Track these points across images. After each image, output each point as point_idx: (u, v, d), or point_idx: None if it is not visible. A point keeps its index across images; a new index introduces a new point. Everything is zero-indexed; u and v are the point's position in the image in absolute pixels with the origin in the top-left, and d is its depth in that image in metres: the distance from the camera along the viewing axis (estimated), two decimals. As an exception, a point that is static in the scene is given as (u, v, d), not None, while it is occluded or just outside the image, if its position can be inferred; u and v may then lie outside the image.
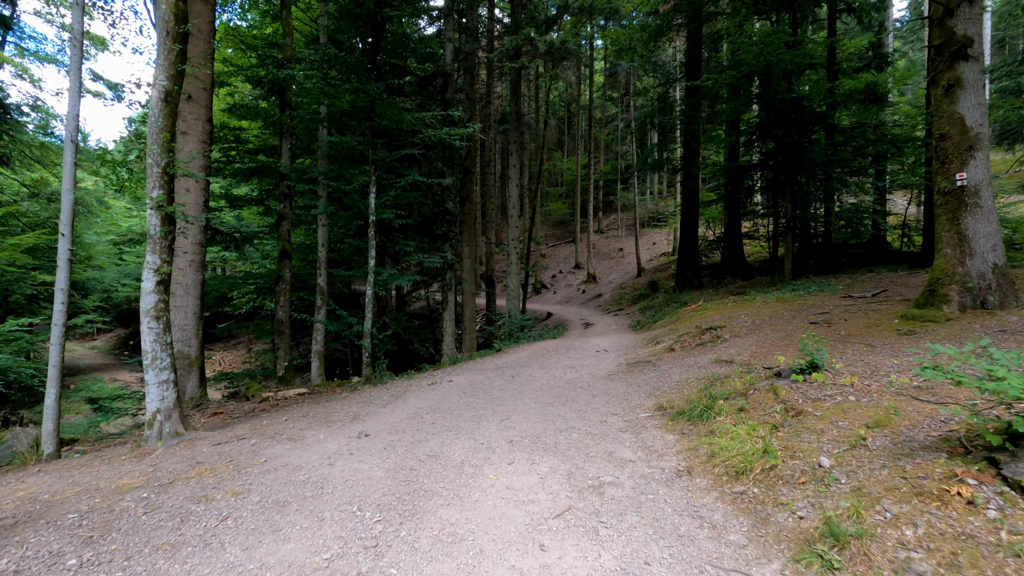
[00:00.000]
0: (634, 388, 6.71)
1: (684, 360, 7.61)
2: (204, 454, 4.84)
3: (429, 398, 7.04)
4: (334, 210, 9.69)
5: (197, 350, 8.41)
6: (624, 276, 28.49)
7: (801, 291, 11.21)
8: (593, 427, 5.19)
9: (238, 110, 11.97)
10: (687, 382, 6.30)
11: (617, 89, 37.02)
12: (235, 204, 13.24)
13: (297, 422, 6.09)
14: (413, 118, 9.05)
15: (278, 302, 11.86)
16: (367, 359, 9.18)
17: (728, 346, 7.67)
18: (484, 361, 10.85)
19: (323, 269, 11.22)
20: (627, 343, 11.15)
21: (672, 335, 9.92)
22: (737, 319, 9.35)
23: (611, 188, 37.42)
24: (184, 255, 8.33)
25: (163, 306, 5.46)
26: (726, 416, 4.65)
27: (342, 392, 8.58)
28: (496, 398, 6.78)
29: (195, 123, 8.40)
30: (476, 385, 7.74)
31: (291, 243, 12.14)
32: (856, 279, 12.14)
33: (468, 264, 17.87)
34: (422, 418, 5.93)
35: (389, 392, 7.80)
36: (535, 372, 8.56)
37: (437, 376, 9.05)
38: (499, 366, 9.70)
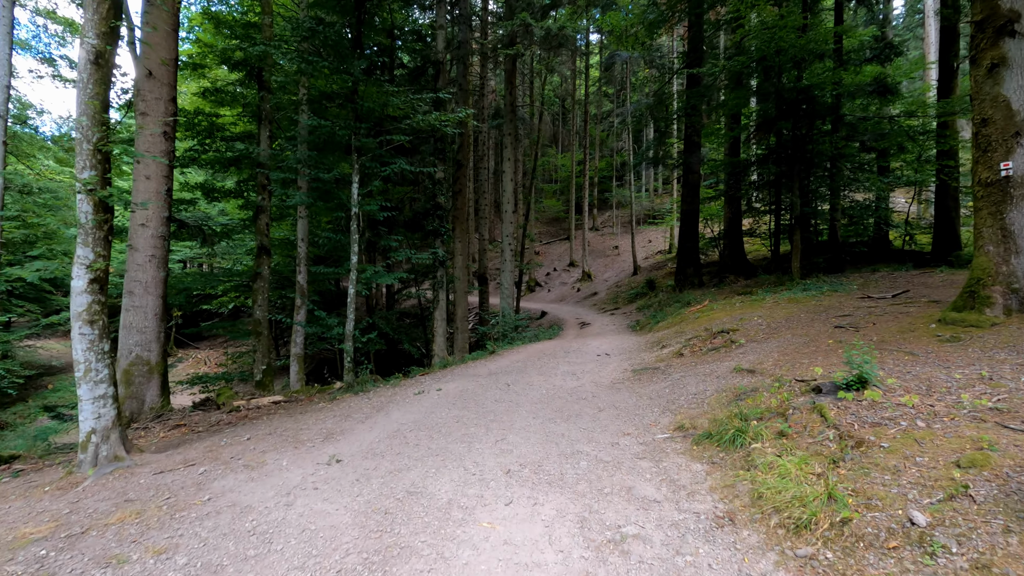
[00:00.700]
0: (645, 401, 5.93)
1: (697, 368, 6.84)
2: (139, 488, 4.00)
3: (414, 411, 6.22)
4: (313, 201, 8.86)
5: (159, 355, 7.55)
6: (620, 274, 27.76)
7: (813, 291, 10.49)
8: (603, 451, 4.40)
9: (213, 95, 11.04)
10: (707, 395, 5.52)
11: (613, 84, 36.27)
12: (212, 196, 12.33)
13: (261, 441, 5.25)
14: (400, 102, 8.22)
15: (256, 301, 10.98)
16: (349, 364, 8.35)
17: (745, 352, 6.91)
18: (477, 365, 10.04)
19: (303, 266, 10.34)
20: (629, 346, 10.38)
21: (679, 338, 9.16)
22: (750, 321, 8.60)
23: (606, 185, 36.67)
24: (143, 250, 7.44)
25: (98, 308, 4.60)
26: (765, 443, 3.87)
27: (320, 401, 7.74)
28: (490, 411, 5.97)
29: (156, 103, 7.51)
30: (467, 395, 6.93)
31: (270, 238, 11.26)
32: (868, 279, 11.44)
33: (460, 261, 17.05)
34: (405, 437, 5.11)
35: (371, 403, 6.97)
36: (532, 379, 7.76)
37: (425, 383, 8.23)
38: (493, 371, 8.89)
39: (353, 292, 8.41)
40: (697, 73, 15.28)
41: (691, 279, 16.80)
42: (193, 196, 11.99)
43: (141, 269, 7.47)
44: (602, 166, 36.77)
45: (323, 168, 8.15)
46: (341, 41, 8.08)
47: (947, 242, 13.29)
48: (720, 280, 16.16)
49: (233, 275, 11.78)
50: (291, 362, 10.55)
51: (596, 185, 35.56)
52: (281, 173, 9.27)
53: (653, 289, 21.96)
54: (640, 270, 26.14)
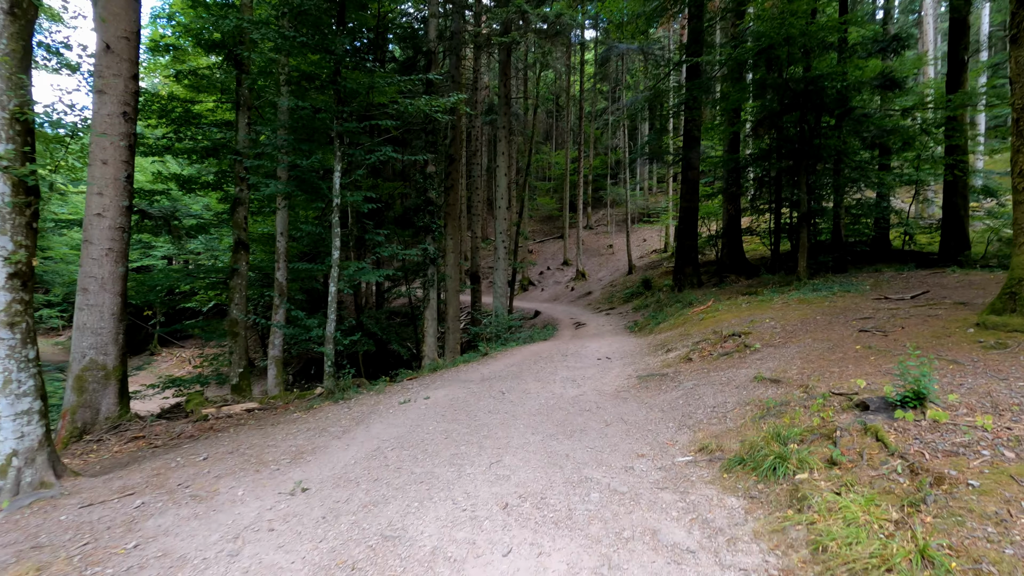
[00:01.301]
0: (656, 413, 5.26)
1: (711, 375, 6.18)
2: (57, 527, 3.27)
3: (398, 424, 5.51)
4: (292, 191, 8.11)
5: (117, 359, 6.78)
6: (614, 273, 27.14)
7: (823, 291, 9.89)
8: (617, 478, 3.73)
9: (187, 77, 10.24)
10: (728, 408, 4.86)
11: (608, 82, 35.67)
12: (189, 188, 11.52)
13: (219, 462, 4.52)
14: (386, 83, 7.49)
15: (232, 300, 10.21)
16: (329, 369, 7.62)
17: (763, 359, 6.26)
18: (468, 369, 9.34)
19: (282, 261, 9.59)
20: (630, 349, 9.73)
21: (685, 341, 8.51)
22: (762, 324, 7.96)
23: (600, 183, 36.05)
24: (99, 243, 6.67)
25: (20, 308, 3.86)
26: (814, 473, 3.21)
27: (296, 410, 7.00)
28: (483, 425, 5.28)
29: (115, 80, 6.74)
30: (458, 404, 6.23)
31: (248, 232, 10.49)
32: (878, 279, 10.87)
33: (452, 259, 16.33)
34: (386, 458, 4.41)
35: (351, 413, 6.25)
36: (529, 386, 7.08)
37: (412, 390, 7.52)
38: (486, 376, 8.20)
39: (335, 290, 7.68)
40: (699, 63, 14.66)
41: (690, 278, 16.19)
42: (167, 187, 11.18)
43: (97, 264, 6.69)
44: (596, 164, 36.15)
45: (302, 154, 7.41)
46: (322, 17, 7.35)
47: (956, 242, 12.77)
48: (721, 280, 15.56)
49: (210, 272, 10.99)
50: (269, 365, 9.78)
51: (590, 183, 34.94)
52: (259, 161, 8.51)
53: (649, 289, 21.36)
54: (635, 269, 25.54)
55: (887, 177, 12.27)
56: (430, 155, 14.61)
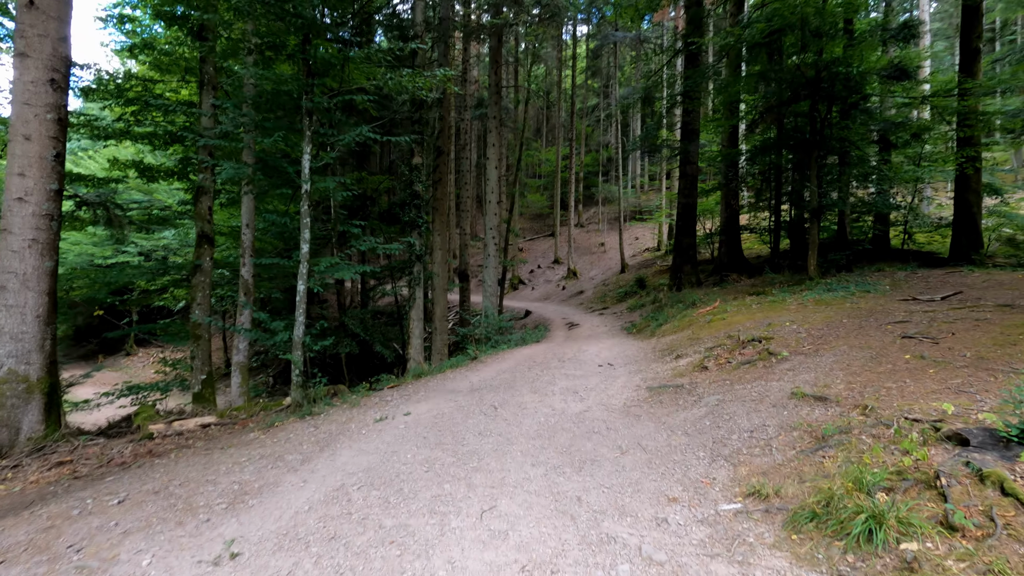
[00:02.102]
0: (680, 437, 4.36)
1: (736, 389, 5.29)
2: None
3: (371, 450, 4.55)
4: (251, 174, 7.08)
5: (42, 368, 5.74)
6: (607, 272, 26.32)
7: (839, 292, 9.09)
8: (648, 536, 2.81)
9: (145, 51, 9.15)
10: (769, 433, 3.98)
11: (599, 78, 34.85)
12: (148, 175, 10.42)
13: (135, 509, 3.53)
14: (364, 54, 6.51)
15: (195, 299, 9.14)
16: (297, 378, 6.62)
17: (795, 369, 5.39)
18: (456, 376, 8.39)
19: (247, 256, 8.55)
20: (633, 353, 8.84)
21: (696, 346, 7.63)
22: (781, 328, 7.11)
23: (592, 181, 35.21)
24: (21, 232, 5.62)
25: None
26: (929, 543, 2.31)
27: (255, 428, 6.00)
28: (472, 452, 4.34)
29: (40, 41, 5.69)
30: (443, 422, 5.28)
31: (213, 224, 9.43)
32: (894, 278, 10.11)
33: (440, 256, 15.37)
34: (349, 501, 3.45)
35: (316, 433, 5.27)
36: (525, 399, 6.15)
37: (392, 402, 6.55)
38: (475, 385, 7.26)
39: (303, 289, 6.68)
40: (698, 52, 13.84)
41: (688, 277, 15.37)
42: (123, 175, 10.06)
43: (17, 257, 5.63)
44: (588, 161, 35.29)
45: (266, 132, 6.40)
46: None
47: (968, 240, 12.06)
48: (722, 279, 14.75)
49: (170, 268, 9.92)
50: (233, 372, 8.74)
51: (581, 180, 34.08)
52: (216, 140, 7.47)
53: (644, 288, 20.55)
54: (628, 268, 24.75)
55: (904, 171, 11.51)
56: (414, 138, 13.48)
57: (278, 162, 6.72)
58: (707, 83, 14.40)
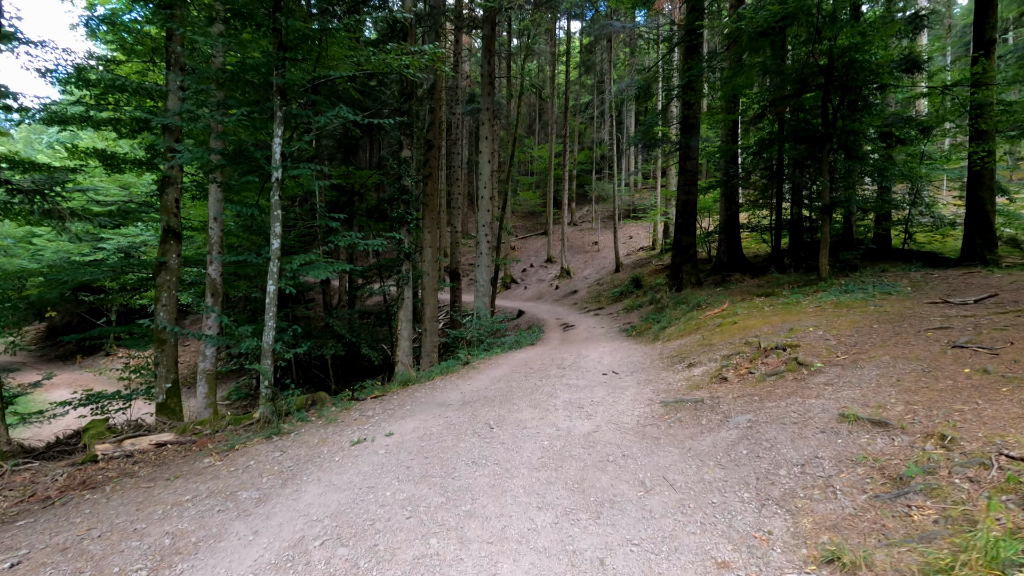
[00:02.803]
0: (713, 469, 3.63)
1: (768, 406, 4.57)
2: None
3: (343, 484, 3.77)
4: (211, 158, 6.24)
5: (-37, 382, 4.91)
6: (601, 271, 25.63)
7: (857, 294, 8.43)
8: (702, 629, 2.06)
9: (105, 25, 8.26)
10: (827, 470, 3.25)
11: (592, 74, 34.15)
12: (112, 164, 9.51)
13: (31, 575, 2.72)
14: (345, 25, 5.70)
15: (159, 300, 8.27)
16: (266, 390, 5.80)
17: (834, 383, 4.68)
18: (447, 384, 7.62)
19: (215, 253, 7.71)
20: (638, 360, 8.11)
21: (710, 353, 6.91)
22: (805, 334, 6.41)
23: (585, 179, 34.49)
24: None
25: None
26: None
27: (214, 449, 5.18)
28: (465, 490, 3.57)
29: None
30: (431, 447, 4.51)
31: (180, 218, 8.56)
32: (912, 279, 9.48)
33: (430, 254, 14.57)
34: (307, 564, 2.68)
35: (281, 460, 4.47)
36: (523, 415, 5.39)
37: (373, 419, 5.76)
38: (468, 397, 6.49)
39: (274, 290, 5.86)
40: (699, 43, 13.15)
41: (688, 277, 14.70)
42: (82, 164, 9.15)
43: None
44: (581, 158, 34.57)
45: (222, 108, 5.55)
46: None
47: (982, 239, 11.47)
48: (724, 279, 14.09)
49: (134, 265, 9.03)
50: (199, 381, 7.88)
51: (575, 178, 33.36)
52: (171, 120, 6.61)
53: (640, 287, 19.88)
54: (623, 267, 24.08)
55: (917, 167, 10.90)
56: (400, 120, 12.65)
57: (246, 147, 5.89)
58: (707, 77, 13.67)
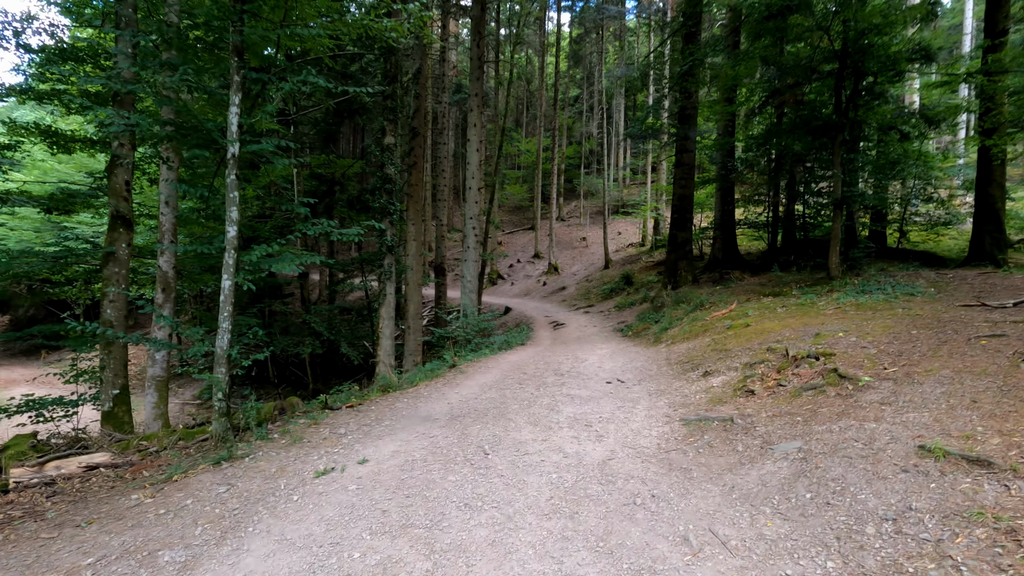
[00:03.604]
0: (772, 519, 2.83)
1: (816, 430, 3.79)
2: None
3: (298, 541, 2.89)
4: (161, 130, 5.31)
5: None
6: (589, 268, 24.90)
7: (876, 295, 7.76)
8: None
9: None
10: (929, 529, 2.47)
11: (582, 66, 33.31)
12: (57, 143, 8.40)
13: None
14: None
15: (106, 295, 7.24)
16: (219, 404, 4.87)
17: (890, 402, 3.93)
18: (432, 392, 6.75)
19: (167, 241, 6.72)
20: (643, 365, 7.32)
21: (727, 360, 6.14)
22: (834, 339, 5.66)
23: (573, 174, 33.69)
24: None
25: None
26: None
27: (149, 480, 4.25)
28: (458, 549, 2.72)
29: None
30: (413, 481, 3.64)
31: (131, 202, 7.52)
32: (931, 280, 8.84)
33: (414, 247, 13.65)
34: None
35: (227, 498, 3.56)
36: (523, 436, 4.56)
37: (346, 437, 4.86)
38: (456, 409, 5.63)
39: (229, 286, 4.93)
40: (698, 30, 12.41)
41: (684, 275, 13.99)
42: (16, 141, 8.03)
43: None
44: (569, 153, 33.74)
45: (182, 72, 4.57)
46: None
47: (992, 238, 10.92)
48: (722, 276, 13.41)
49: (79, 256, 7.96)
50: (147, 389, 6.87)
51: (563, 173, 32.53)
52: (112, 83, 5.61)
53: (631, 284, 19.17)
54: (612, 264, 23.37)
55: (932, 161, 10.27)
56: (381, 91, 11.62)
57: (196, 117, 4.92)
58: (709, 64, 12.94)
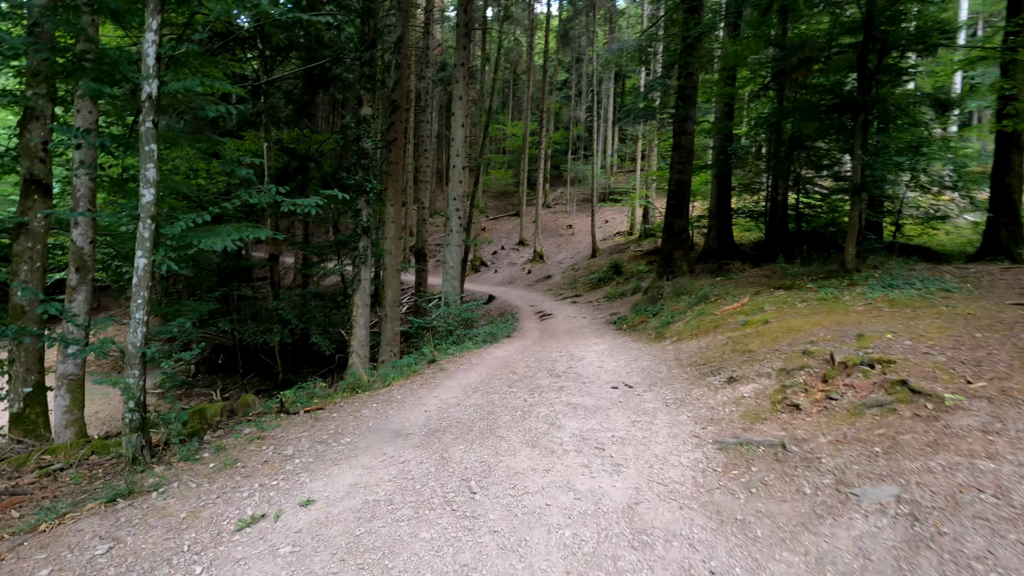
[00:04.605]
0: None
1: (909, 469, 2.84)
2: None
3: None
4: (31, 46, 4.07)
5: None
6: (576, 256, 23.93)
7: (907, 290, 6.90)
8: None
9: None
10: None
11: (570, 49, 32.04)
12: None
13: None
14: None
15: (17, 274, 5.98)
16: (130, 416, 3.74)
17: (1000, 430, 3.00)
18: (406, 395, 5.67)
19: (83, 207, 5.47)
20: (649, 365, 6.34)
21: (753, 365, 5.18)
22: (883, 342, 4.74)
23: (559, 160, 32.54)
24: None
25: None
26: None
27: (7, 531, 3.11)
28: None
29: None
30: (370, 540, 2.58)
31: (50, 165, 6.22)
32: (961, 276, 8.03)
33: (392, 230, 12.47)
34: None
35: (105, 568, 2.46)
36: (519, 463, 3.53)
37: (290, 463, 3.77)
38: (433, 422, 4.58)
39: (144, 264, 3.77)
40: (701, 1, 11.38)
41: (680, 265, 13.07)
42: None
43: None
44: (557, 138, 32.55)
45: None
46: None
47: (1009, 232, 10.19)
48: (721, 267, 12.52)
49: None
50: (57, 390, 5.65)
51: (549, 159, 31.36)
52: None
53: (620, 274, 18.25)
54: (599, 252, 22.43)
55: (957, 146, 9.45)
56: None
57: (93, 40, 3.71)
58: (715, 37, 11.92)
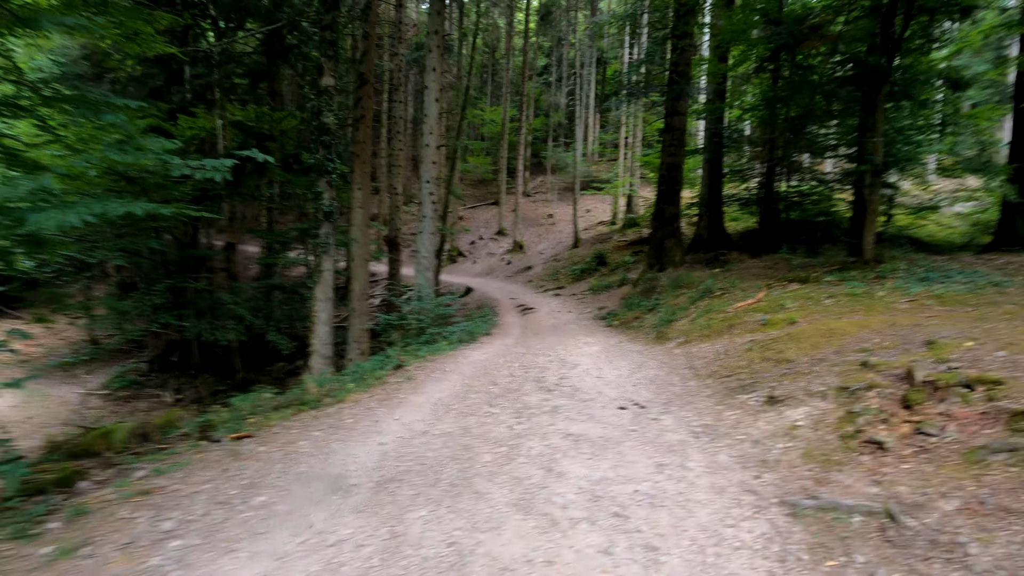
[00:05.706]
0: None
1: None
2: None
3: None
4: None
5: None
6: (557, 246, 22.80)
7: (949, 284, 5.94)
8: None
9: None
10: None
11: (551, 34, 30.65)
12: None
13: None
14: None
15: None
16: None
17: None
18: (359, 418, 4.44)
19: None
20: (657, 374, 5.22)
21: (797, 380, 4.10)
22: (969, 353, 3.71)
23: (539, 147, 31.26)
24: None
25: None
26: None
27: None
28: None
29: None
30: None
31: None
32: (979, 264, 7.14)
33: (360, 216, 11.10)
34: None
35: None
36: (506, 545, 2.34)
37: (156, 558, 2.52)
38: (388, 466, 3.35)
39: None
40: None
41: (672, 255, 12.01)
42: None
43: None
44: (536, 125, 31.21)
45: None
46: None
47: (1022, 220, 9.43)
48: (716, 257, 11.52)
49: None
50: None
51: (529, 146, 30.07)
52: None
53: (604, 265, 17.20)
54: (581, 242, 21.35)
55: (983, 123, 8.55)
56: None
57: None
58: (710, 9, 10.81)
